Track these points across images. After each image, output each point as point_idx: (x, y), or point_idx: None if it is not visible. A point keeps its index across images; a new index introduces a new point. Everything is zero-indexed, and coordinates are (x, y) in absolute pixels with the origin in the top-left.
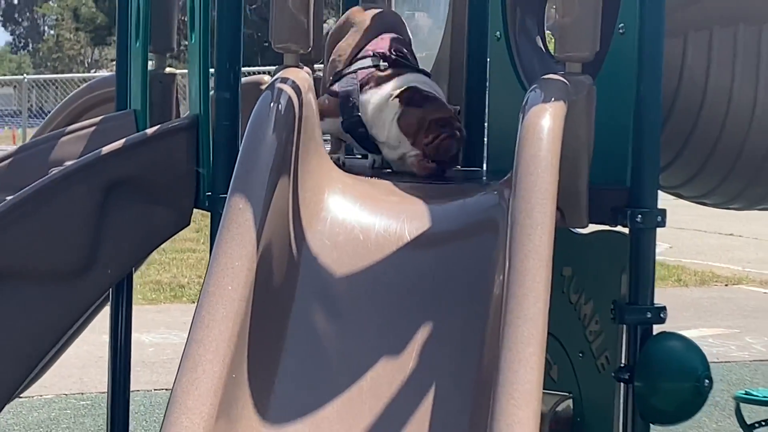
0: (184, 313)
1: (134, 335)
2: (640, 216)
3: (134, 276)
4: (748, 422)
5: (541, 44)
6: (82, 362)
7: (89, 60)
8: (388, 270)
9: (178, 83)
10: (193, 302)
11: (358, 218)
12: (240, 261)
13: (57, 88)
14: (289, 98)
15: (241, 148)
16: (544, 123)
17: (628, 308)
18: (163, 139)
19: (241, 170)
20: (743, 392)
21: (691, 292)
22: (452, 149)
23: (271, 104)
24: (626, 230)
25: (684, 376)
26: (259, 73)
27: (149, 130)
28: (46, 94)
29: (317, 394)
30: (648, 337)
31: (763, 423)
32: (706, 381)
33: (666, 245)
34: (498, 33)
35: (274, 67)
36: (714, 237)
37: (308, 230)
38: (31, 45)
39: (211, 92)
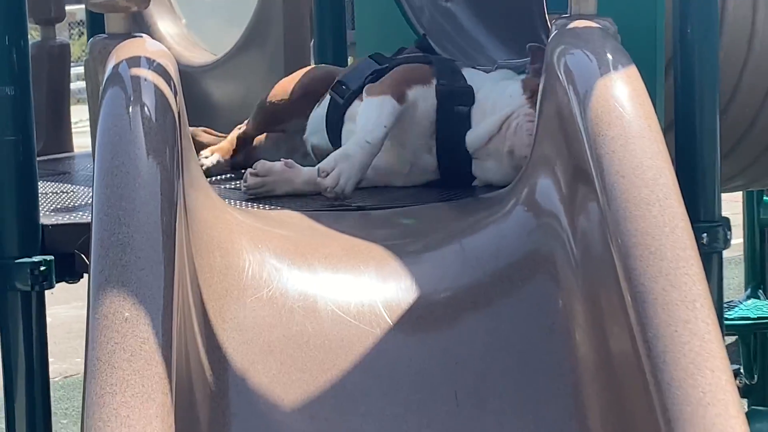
0: None
1: None
2: (705, 235)
3: None
4: None
5: None
6: None
7: None
8: (372, 382)
9: None
10: None
11: (297, 293)
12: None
13: None
14: (158, 92)
15: (96, 195)
16: (627, 99)
17: None
18: None
19: (108, 241)
20: None
21: None
22: None
23: (130, 109)
24: None
25: None
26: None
27: None
28: None
29: None
30: None
31: None
32: None
33: None
34: None
35: None
36: None
37: (221, 330)
38: None
39: None
